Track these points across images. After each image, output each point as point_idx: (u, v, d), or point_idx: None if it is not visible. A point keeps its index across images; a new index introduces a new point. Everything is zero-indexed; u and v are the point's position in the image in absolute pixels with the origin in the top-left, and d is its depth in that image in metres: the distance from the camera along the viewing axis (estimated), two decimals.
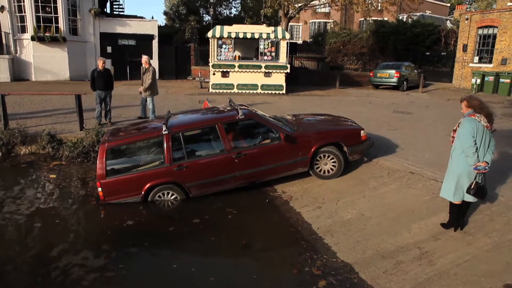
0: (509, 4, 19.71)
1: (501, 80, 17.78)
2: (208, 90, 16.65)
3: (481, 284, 4.00)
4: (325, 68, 25.62)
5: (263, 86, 16.55)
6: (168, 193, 6.46)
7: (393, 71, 19.51)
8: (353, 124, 7.75)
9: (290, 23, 25.39)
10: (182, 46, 23.32)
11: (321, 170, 7.02)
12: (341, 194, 6.46)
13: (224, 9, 37.40)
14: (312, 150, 6.78)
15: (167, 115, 7.07)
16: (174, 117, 7.19)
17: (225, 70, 16.34)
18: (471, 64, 20.30)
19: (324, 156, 6.94)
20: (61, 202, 6.59)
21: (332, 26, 35.57)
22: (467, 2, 50.31)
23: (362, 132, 7.20)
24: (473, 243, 4.68)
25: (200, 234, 5.66)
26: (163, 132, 6.28)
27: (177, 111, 11.56)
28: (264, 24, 18.54)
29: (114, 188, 6.25)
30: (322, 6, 24.91)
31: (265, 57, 16.47)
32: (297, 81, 19.84)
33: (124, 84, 18.73)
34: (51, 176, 7.71)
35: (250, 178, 6.71)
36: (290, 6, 21.30)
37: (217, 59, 16.27)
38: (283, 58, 16.42)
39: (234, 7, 38.40)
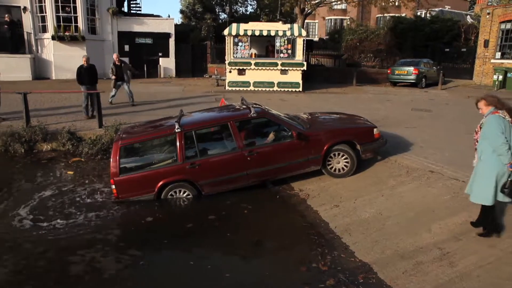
0: None
1: None
2: (225, 88, 16.69)
3: (505, 287, 3.90)
4: (341, 65, 25.36)
5: (280, 84, 16.49)
6: (180, 191, 6.50)
7: (411, 68, 19.17)
8: (366, 122, 7.69)
9: (306, 20, 25.19)
10: (198, 44, 23.41)
11: (333, 168, 6.97)
12: (359, 193, 6.39)
13: (240, 6, 37.36)
14: (325, 148, 6.75)
15: (179, 113, 7.12)
16: (187, 115, 7.24)
17: (241, 67, 16.34)
18: (492, 60, 19.80)
19: (337, 154, 6.90)
20: (78, 198, 6.70)
21: (348, 22, 35.19)
22: None
23: (375, 130, 7.15)
24: (497, 245, 4.56)
25: (216, 231, 5.69)
26: (176, 130, 6.33)
27: (193, 110, 11.65)
28: (280, 22, 18.49)
29: (127, 185, 6.32)
30: (339, 2, 24.60)
31: (281, 55, 16.39)
32: (313, 78, 19.69)
33: (141, 82, 18.93)
34: (68, 172, 7.85)
35: (262, 176, 6.72)
36: (306, 3, 21.15)
37: (233, 56, 16.28)
38: (299, 56, 16.31)
39: (250, 4, 38.28)
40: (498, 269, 4.18)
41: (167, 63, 21.34)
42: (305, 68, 16.47)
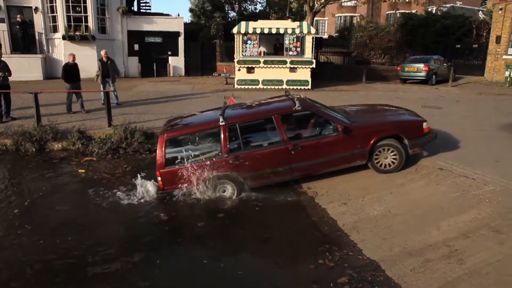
0: None
1: None
2: (234, 86, 16.72)
3: None
4: (351, 62, 25.20)
5: (289, 82, 16.46)
6: (224, 184, 6.51)
7: (421, 65, 18.95)
8: (415, 115, 7.45)
9: (315, 18, 25.09)
10: (207, 42, 23.47)
11: (380, 163, 6.81)
12: (367, 191, 6.37)
13: (249, 4, 37.33)
14: (371, 142, 6.60)
15: (223, 106, 7.15)
16: (230, 108, 7.28)
17: (250, 66, 16.34)
18: (504, 56, 19.49)
19: (384, 149, 6.73)
20: (89, 196, 6.80)
21: (358, 20, 34.92)
22: None
23: (424, 124, 6.92)
24: (506, 242, 4.52)
25: (226, 229, 5.72)
26: (220, 123, 6.35)
27: (203, 108, 11.70)
28: (289, 19, 18.42)
29: (172, 177, 6.40)
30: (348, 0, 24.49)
31: (290, 52, 16.36)
32: (322, 76, 19.61)
33: (150, 81, 19.09)
34: (80, 171, 7.96)
35: (306, 170, 6.68)
36: (316, 0, 21.06)
37: (242, 55, 16.29)
38: (308, 53, 16.26)
39: (259, 2, 38.39)
40: (507, 266, 4.14)
41: (177, 62, 21.45)
42: (314, 65, 16.40)
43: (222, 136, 6.35)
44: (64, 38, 18.56)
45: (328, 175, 6.95)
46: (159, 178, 6.41)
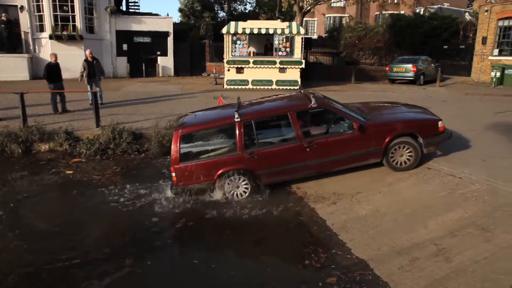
0: None
1: None
2: (223, 86, 16.68)
3: (500, 282, 3.92)
4: (340, 63, 25.33)
5: (278, 82, 16.48)
6: (239, 179, 6.48)
7: (409, 65, 19.16)
8: (431, 114, 7.45)
9: (305, 18, 25.14)
10: (197, 42, 23.37)
11: (396, 161, 6.78)
12: (356, 190, 6.40)
13: (239, 5, 37.30)
14: (386, 140, 6.59)
15: (237, 102, 7.12)
16: (244, 104, 7.27)
17: (239, 66, 16.32)
18: (490, 57, 19.80)
19: (400, 147, 6.71)
20: (76, 198, 6.72)
21: (347, 20, 35.11)
22: None
23: (440, 122, 6.91)
24: (492, 240, 4.58)
25: (216, 230, 5.70)
26: (236, 120, 6.32)
27: (193, 108, 11.64)
28: (279, 20, 18.45)
29: (187, 173, 6.36)
30: (338, 0, 24.57)
31: (280, 53, 16.38)
32: (312, 76, 19.69)
33: (139, 81, 18.94)
34: (67, 172, 7.86)
35: (320, 168, 6.67)
36: (305, 0, 21.12)
37: (232, 55, 16.27)
38: (298, 54, 16.30)
39: (249, 2, 38.31)
40: (493, 264, 4.20)
41: (166, 62, 21.33)
42: (303, 66, 16.45)
43: (237, 132, 6.33)
44: (51, 37, 18.31)
45: (317, 176, 6.98)
46: (173, 174, 6.39)
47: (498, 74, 18.01)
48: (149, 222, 5.89)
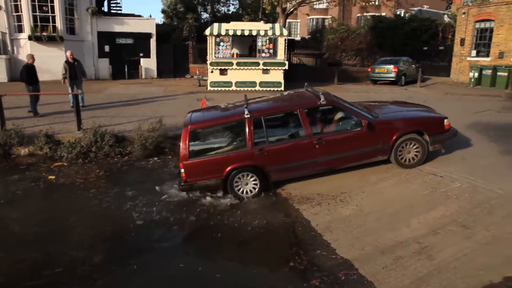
0: None
1: (498, 73, 17.76)
2: (207, 88, 16.61)
3: (480, 278, 4.01)
4: (323, 64, 25.56)
5: (262, 83, 16.51)
6: (247, 175, 6.50)
7: (391, 66, 19.46)
8: (436, 112, 7.57)
9: (288, 20, 25.29)
10: (180, 44, 23.23)
11: (403, 158, 6.85)
12: (340, 190, 6.46)
13: (222, 6, 37.24)
14: (394, 138, 6.68)
15: (244, 99, 7.12)
16: (253, 102, 7.28)
17: (223, 67, 16.29)
18: (468, 58, 20.27)
19: (408, 144, 6.79)
20: (61, 202, 6.59)
21: (330, 22, 35.45)
22: None
23: (445, 120, 7.03)
24: (472, 237, 4.69)
25: (200, 233, 5.67)
26: (245, 116, 6.35)
27: (177, 111, 11.57)
28: (262, 21, 18.50)
29: (196, 169, 6.36)
30: (320, 2, 24.78)
31: (263, 54, 16.41)
32: (295, 77, 19.76)
33: (122, 83, 18.72)
34: (49, 177, 7.70)
35: (329, 164, 6.72)
36: (287, 2, 21.23)
37: (215, 56, 16.22)
38: (281, 55, 16.36)
39: (232, 4, 38.29)
40: (473, 260, 4.29)
41: (149, 64, 21.12)
42: (286, 67, 16.52)
43: (247, 128, 6.36)
44: (30, 38, 17.91)
45: (302, 177, 7.02)
46: (182, 170, 6.37)
47: (476, 74, 18.44)
48: (138, 225, 5.82)
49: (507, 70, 17.33)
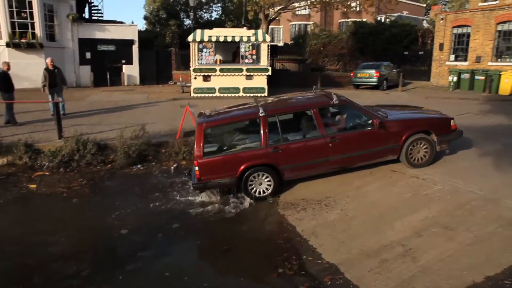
0: (480, 4, 20.23)
1: (476, 77, 18.21)
2: (190, 94, 16.53)
3: (463, 278, 4.07)
4: (306, 69, 25.77)
5: (245, 89, 16.53)
6: (262, 175, 6.48)
7: (373, 71, 19.76)
8: (442, 113, 7.71)
9: (270, 26, 25.47)
10: (163, 50, 23.10)
11: (413, 158, 6.93)
12: (325, 195, 6.48)
13: (205, 13, 37.23)
14: (404, 137, 6.78)
15: (255, 100, 7.13)
16: (265, 102, 7.30)
17: (206, 74, 16.26)
18: (447, 62, 20.74)
19: (418, 143, 6.87)
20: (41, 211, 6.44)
21: (312, 28, 35.85)
22: (442, 3, 51.45)
23: (452, 121, 7.16)
24: (454, 238, 4.76)
25: (185, 240, 5.60)
26: (260, 114, 6.37)
27: (160, 118, 11.48)
28: (245, 27, 18.56)
29: (210, 168, 6.32)
30: (302, 8, 25.04)
31: (246, 60, 16.46)
32: (278, 83, 19.88)
33: (104, 90, 18.49)
34: (30, 186, 7.52)
35: (342, 163, 6.78)
36: (270, 9, 21.38)
37: (198, 63, 16.18)
38: (264, 61, 16.44)
39: (215, 10, 38.20)
40: (456, 261, 4.36)
41: (131, 71, 20.94)
42: (270, 73, 16.59)
43: (262, 127, 6.37)
44: (8, 45, 17.52)
45: (287, 182, 7.03)
46: (196, 168, 6.32)
47: (455, 78, 18.88)
48: (122, 235, 5.72)
49: (484, 74, 17.79)
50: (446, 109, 13.31)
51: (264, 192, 6.57)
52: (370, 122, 6.70)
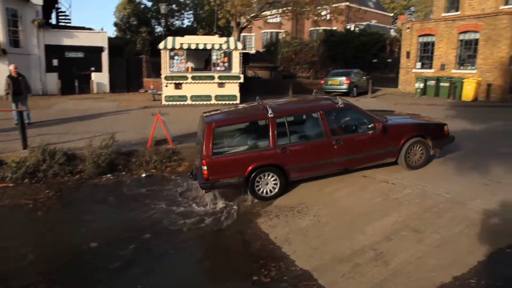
0: (443, 14, 21.11)
1: (441, 84, 18.92)
2: (161, 102, 16.34)
3: (432, 279, 4.17)
4: (277, 77, 26.01)
5: (217, 97, 16.50)
6: (268, 175, 6.53)
7: (343, 78, 20.18)
8: (436, 119, 8.02)
9: (242, 33, 25.59)
10: (133, 58, 22.78)
11: (411, 160, 7.19)
12: (297, 202, 6.51)
13: (176, 20, 37.10)
14: (402, 141, 7.05)
15: (258, 101, 7.19)
16: (270, 104, 7.27)
17: (178, 81, 16.13)
18: (414, 70, 21.43)
19: (414, 146, 7.15)
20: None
21: (283, 35, 36.29)
22: (408, 13, 53.33)
23: (445, 127, 7.51)
24: (423, 240, 4.88)
25: (154, 250, 5.48)
26: (269, 115, 6.43)
27: (131, 126, 11.27)
28: (217, 35, 18.56)
29: (218, 167, 6.29)
30: (273, 16, 25.31)
31: (218, 68, 16.44)
32: (250, 90, 19.90)
33: (72, 98, 18.00)
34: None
35: (346, 165, 6.97)
36: (241, 17, 21.49)
37: (170, 70, 16.03)
38: (236, 68, 16.47)
39: (187, 18, 38.16)
40: (425, 263, 4.46)
41: (101, 78, 20.50)
42: (242, 80, 16.64)
43: (270, 127, 6.43)
44: None
45: None
46: (205, 168, 6.26)
47: (422, 85, 19.54)
48: (92, 248, 5.53)
49: (448, 81, 18.51)
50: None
51: (270, 192, 6.65)
52: (372, 125, 6.94)
